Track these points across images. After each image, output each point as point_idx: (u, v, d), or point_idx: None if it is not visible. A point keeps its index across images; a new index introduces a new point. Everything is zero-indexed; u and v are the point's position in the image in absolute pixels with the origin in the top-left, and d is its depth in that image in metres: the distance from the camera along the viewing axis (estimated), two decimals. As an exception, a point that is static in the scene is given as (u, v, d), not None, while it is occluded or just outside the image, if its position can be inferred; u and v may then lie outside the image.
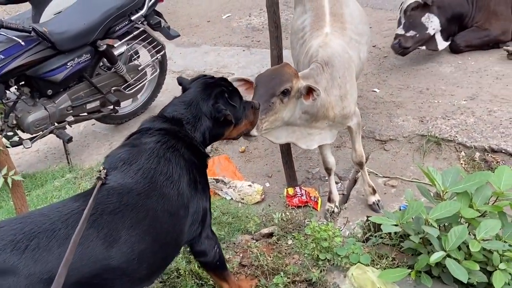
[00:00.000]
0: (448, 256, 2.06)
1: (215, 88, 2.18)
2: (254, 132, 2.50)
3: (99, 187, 1.74)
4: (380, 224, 2.30)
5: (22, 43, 3.64)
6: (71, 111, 4.21)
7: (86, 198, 1.68)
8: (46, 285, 1.46)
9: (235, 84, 2.75)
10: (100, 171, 1.82)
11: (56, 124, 4.15)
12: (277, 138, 2.93)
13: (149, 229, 1.74)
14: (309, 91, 2.63)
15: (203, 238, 2.06)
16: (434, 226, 2.09)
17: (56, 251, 1.53)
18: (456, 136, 3.87)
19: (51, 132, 4.14)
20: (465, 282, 1.98)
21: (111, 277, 1.66)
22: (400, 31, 4.81)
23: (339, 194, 3.59)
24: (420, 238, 2.19)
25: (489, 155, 3.67)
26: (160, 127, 2.02)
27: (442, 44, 4.94)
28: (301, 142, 3.03)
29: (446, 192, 2.26)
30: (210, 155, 4.33)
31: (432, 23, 4.80)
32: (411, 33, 4.77)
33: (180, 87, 2.33)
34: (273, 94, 2.59)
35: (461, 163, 3.71)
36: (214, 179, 3.88)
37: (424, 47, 4.95)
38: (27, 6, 4.60)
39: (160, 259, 1.86)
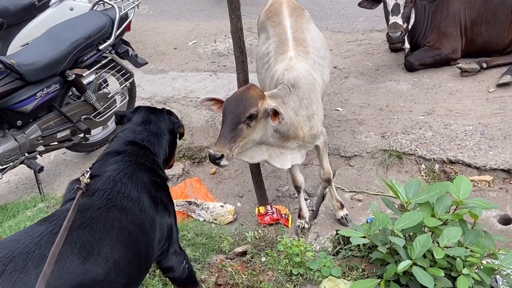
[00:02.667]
0: (415, 264, 2.11)
1: (163, 109, 2.37)
2: (224, 161, 2.53)
3: (79, 196, 1.78)
4: (349, 237, 2.34)
5: (-10, 75, 3.57)
6: (42, 141, 4.12)
7: (50, 220, 1.71)
8: None
9: (207, 103, 2.79)
10: (80, 180, 1.88)
11: (26, 154, 4.06)
12: (251, 158, 2.93)
13: (118, 238, 1.77)
14: (276, 113, 2.65)
15: (171, 254, 2.09)
16: (400, 236, 2.14)
17: (33, 272, 1.52)
18: (416, 150, 3.98)
19: (21, 162, 4.04)
20: (432, 288, 2.03)
21: None
22: (399, 20, 4.65)
23: (308, 210, 3.62)
24: (388, 248, 2.23)
25: (448, 166, 3.79)
26: (121, 152, 2.08)
27: (407, 44, 5.05)
28: (275, 160, 3.04)
29: (410, 203, 2.33)
30: (182, 177, 4.33)
31: (412, 19, 4.91)
32: (405, 25, 4.74)
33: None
34: (239, 121, 2.59)
35: (422, 175, 3.81)
36: (186, 201, 3.86)
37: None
38: (-7, 39, 4.54)
39: (134, 268, 1.86)
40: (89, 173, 1.97)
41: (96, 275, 1.65)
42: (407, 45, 5.04)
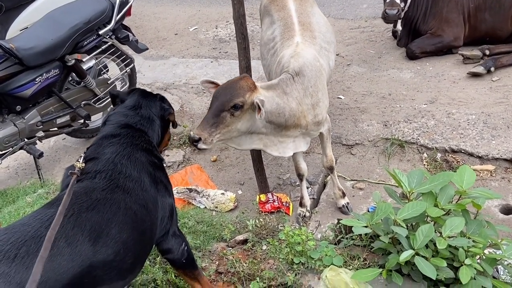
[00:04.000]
0: (417, 254, 2.10)
1: (157, 94, 2.37)
2: (201, 145, 2.61)
3: (73, 181, 1.78)
4: (351, 226, 2.33)
5: (-11, 59, 3.53)
6: (41, 127, 4.10)
7: (57, 204, 1.70)
8: None
9: (207, 85, 2.84)
10: (74, 166, 1.88)
11: (26, 140, 4.03)
12: (239, 144, 2.94)
13: (125, 219, 1.78)
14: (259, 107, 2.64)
15: (170, 236, 2.10)
16: (402, 226, 2.12)
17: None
18: (418, 139, 3.95)
19: (21, 148, 4.01)
20: (434, 278, 2.02)
21: (100, 273, 1.67)
22: None
23: (309, 198, 3.61)
24: (390, 238, 2.22)
25: (450, 155, 3.77)
26: (116, 135, 2.08)
27: (399, 26, 5.11)
28: (272, 149, 3.02)
29: (412, 193, 2.30)
30: (183, 165, 4.31)
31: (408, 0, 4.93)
32: (402, 4, 4.79)
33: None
34: (223, 109, 2.63)
35: (424, 164, 3.79)
36: (187, 188, 3.85)
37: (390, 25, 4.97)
38: (-8, 23, 4.48)
39: (140, 247, 1.87)
40: (82, 157, 1.97)
41: (105, 256, 1.67)
42: (399, 27, 5.01)
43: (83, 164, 1.91)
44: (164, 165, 2.20)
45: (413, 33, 5.20)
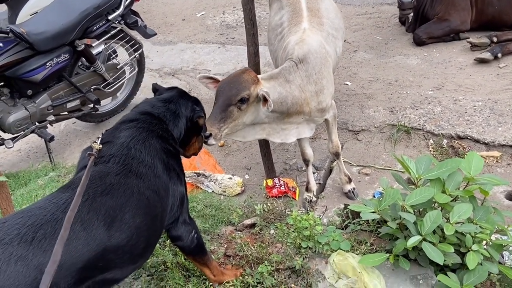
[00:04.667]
0: (424, 239, 2.08)
1: (192, 97, 2.32)
2: (212, 141, 2.57)
3: (91, 163, 1.76)
4: (358, 212, 2.32)
5: (0, 44, 3.51)
6: (52, 111, 4.09)
7: (73, 187, 1.69)
8: (56, 273, 1.43)
9: (205, 81, 2.78)
10: (92, 148, 1.86)
11: (37, 123, 4.03)
12: (244, 137, 2.91)
13: (138, 204, 1.77)
14: (266, 99, 2.60)
15: (180, 223, 2.08)
16: (410, 212, 2.10)
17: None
18: (425, 125, 3.91)
19: (32, 131, 4.02)
20: (441, 263, 2.00)
21: (113, 257, 1.66)
22: None
23: (316, 183, 3.59)
24: (397, 224, 2.20)
25: (456, 141, 3.73)
26: (134, 120, 2.06)
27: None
28: (274, 137, 3.00)
29: (420, 179, 2.28)
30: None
31: None
32: None
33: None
34: (230, 103, 2.59)
35: (430, 150, 3.76)
36: (195, 173, 3.84)
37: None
38: (2, 8, 4.44)
39: (152, 233, 1.86)
40: (100, 139, 1.94)
41: (119, 241, 1.66)
42: (410, 14, 4.95)
43: (100, 146, 1.88)
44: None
45: (421, 19, 5.13)
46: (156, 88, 2.37)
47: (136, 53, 4.64)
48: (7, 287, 1.38)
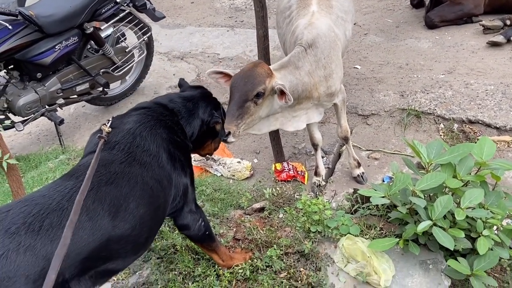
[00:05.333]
0: (435, 225, 2.06)
1: (215, 100, 2.28)
2: (231, 138, 2.50)
3: (101, 145, 1.75)
4: (368, 196, 2.29)
5: (10, 27, 3.49)
6: (61, 94, 4.09)
7: (77, 175, 1.67)
8: (64, 262, 1.42)
9: (214, 76, 2.70)
10: (102, 131, 1.84)
11: (47, 106, 4.03)
12: (259, 130, 2.87)
13: (142, 193, 1.74)
14: (283, 92, 2.55)
15: (186, 212, 2.05)
16: (420, 197, 2.08)
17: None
18: (435, 109, 3.86)
19: (42, 114, 4.02)
20: (452, 249, 1.98)
21: (116, 247, 1.65)
22: None
23: (325, 167, 3.57)
24: (407, 209, 2.18)
25: (467, 126, 3.67)
26: (146, 108, 2.04)
27: None
28: (287, 126, 2.96)
29: (431, 164, 2.25)
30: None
31: None
32: None
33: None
34: (246, 99, 2.52)
35: (440, 135, 3.71)
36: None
37: None
38: (11, -10, 4.42)
39: (154, 223, 1.85)
40: (110, 122, 1.92)
41: (123, 231, 1.64)
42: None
43: (110, 129, 1.86)
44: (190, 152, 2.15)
45: (434, 2, 5.02)
46: (181, 84, 2.34)
47: (145, 36, 4.62)
48: (17, 277, 1.38)
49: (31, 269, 1.40)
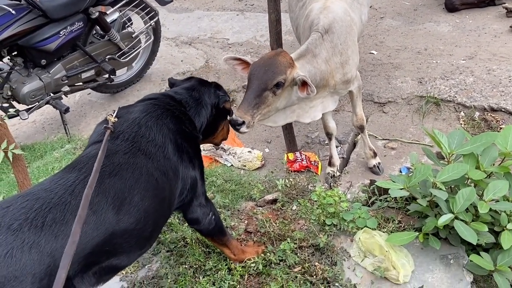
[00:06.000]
0: (456, 218, 2.03)
1: (213, 82, 2.28)
2: (244, 129, 2.45)
3: (107, 136, 1.73)
4: (385, 188, 2.27)
5: (13, 11, 3.48)
6: (66, 81, 4.09)
7: (79, 168, 1.66)
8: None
9: (231, 62, 2.65)
10: (107, 120, 1.83)
11: (52, 94, 4.04)
12: (275, 122, 2.83)
13: (147, 186, 1.72)
14: (305, 84, 2.51)
15: (195, 206, 2.04)
16: (442, 189, 2.05)
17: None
18: (456, 96, 3.81)
19: (47, 102, 4.03)
20: (475, 243, 1.96)
21: (121, 242, 1.64)
22: None
23: (339, 157, 3.54)
24: (428, 201, 2.15)
25: (489, 114, 3.62)
26: (153, 98, 2.03)
27: None
28: (304, 117, 2.92)
29: (453, 154, 2.21)
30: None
31: None
32: None
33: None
34: (265, 88, 2.47)
35: (461, 123, 3.66)
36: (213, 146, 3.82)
37: None
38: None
39: (159, 216, 1.83)
40: (116, 112, 1.91)
41: (127, 225, 1.63)
42: None
43: (116, 119, 1.85)
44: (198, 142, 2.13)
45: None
46: (172, 82, 2.32)
47: (151, 21, 4.60)
48: (24, 277, 1.36)
49: (37, 267, 1.39)
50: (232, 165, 3.73)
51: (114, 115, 1.89)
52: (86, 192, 1.50)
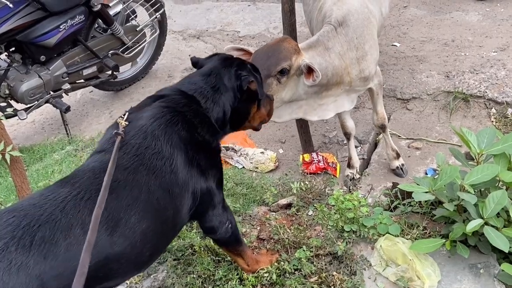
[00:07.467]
0: (486, 223, 2.02)
1: (236, 60, 2.16)
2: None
3: (118, 143, 1.70)
4: (409, 192, 2.26)
5: (10, 5, 3.54)
6: (67, 78, 4.14)
7: (72, 182, 1.62)
8: (56, 282, 1.41)
9: (233, 53, 2.64)
10: (119, 124, 1.79)
11: (51, 92, 4.09)
12: (279, 116, 2.82)
13: (146, 206, 1.68)
14: (310, 70, 2.50)
15: (211, 215, 2.01)
16: (470, 192, 2.03)
17: (63, 243, 1.47)
18: (486, 92, 3.79)
19: (47, 101, 4.08)
20: (506, 251, 1.94)
21: (115, 267, 1.61)
22: None
23: (359, 159, 3.53)
24: (455, 206, 2.14)
25: (522, 111, 3.60)
26: (162, 96, 1.98)
27: None
28: (311, 115, 2.91)
29: (482, 154, 2.20)
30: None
31: None
32: None
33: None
34: (269, 74, 2.46)
35: (492, 121, 3.64)
36: (223, 146, 3.83)
37: None
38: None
39: (160, 238, 1.80)
40: (126, 114, 1.86)
41: (122, 248, 1.59)
42: None
43: (126, 123, 1.81)
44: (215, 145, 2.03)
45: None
46: (195, 62, 2.23)
47: (157, 13, 4.63)
48: None
49: None
50: (243, 167, 3.75)
51: (125, 117, 1.85)
52: (95, 213, 1.46)
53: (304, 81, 2.56)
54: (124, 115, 1.87)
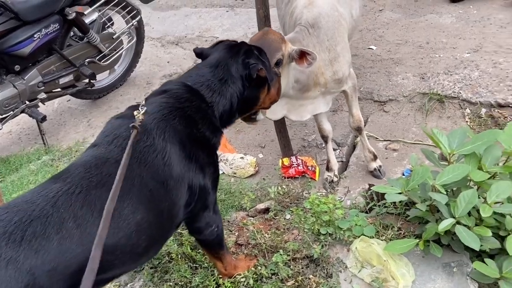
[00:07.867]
0: (458, 223, 2.05)
1: (242, 47, 2.14)
2: (260, 116, 2.46)
3: (134, 136, 1.71)
4: (383, 193, 2.29)
5: (-18, 15, 3.52)
6: (43, 87, 4.11)
7: (64, 178, 1.64)
8: (49, 277, 1.42)
9: None
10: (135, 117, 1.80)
11: (27, 102, 4.06)
12: (274, 113, 2.85)
13: (139, 198, 1.71)
14: (302, 55, 2.53)
15: (201, 216, 2.03)
16: (442, 192, 2.06)
17: (55, 237, 1.48)
18: (460, 92, 3.83)
19: (22, 111, 4.05)
20: (477, 249, 1.97)
21: (111, 259, 1.62)
22: None
23: (337, 161, 3.56)
24: (427, 206, 2.17)
25: (496, 110, 3.65)
26: (164, 91, 1.98)
27: None
28: (292, 114, 2.95)
29: (453, 154, 2.23)
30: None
31: None
32: None
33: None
34: None
35: (467, 121, 3.68)
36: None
37: None
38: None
39: (156, 230, 1.81)
40: (145, 108, 1.85)
41: (117, 240, 1.61)
42: None
43: (142, 116, 1.80)
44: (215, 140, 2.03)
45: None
46: (198, 52, 2.20)
47: (134, 21, 4.63)
48: None
49: (15, 285, 1.38)
50: (223, 172, 3.75)
51: (143, 110, 1.84)
52: (107, 208, 1.48)
53: (298, 66, 2.56)
54: (142, 102, 1.87)
